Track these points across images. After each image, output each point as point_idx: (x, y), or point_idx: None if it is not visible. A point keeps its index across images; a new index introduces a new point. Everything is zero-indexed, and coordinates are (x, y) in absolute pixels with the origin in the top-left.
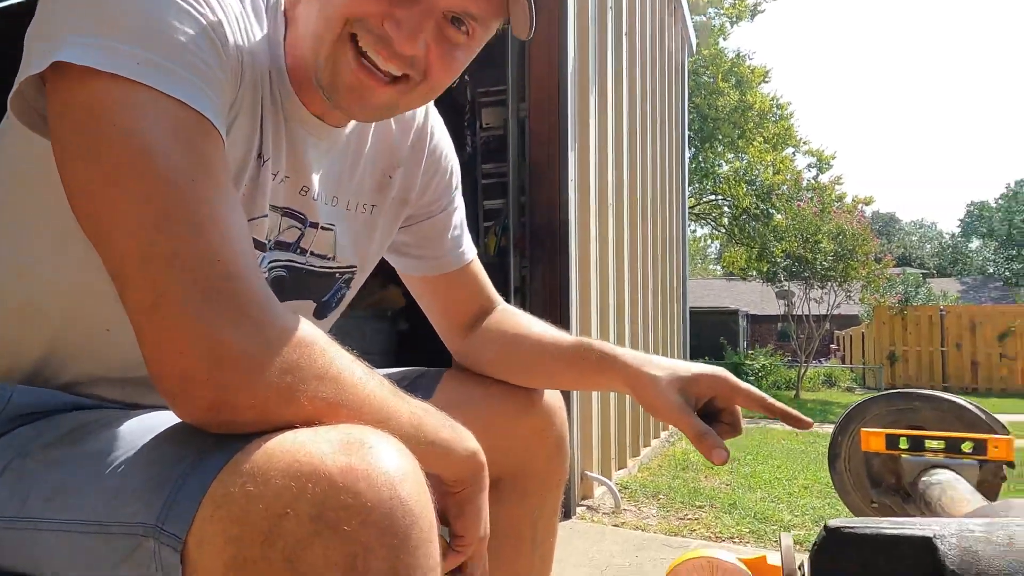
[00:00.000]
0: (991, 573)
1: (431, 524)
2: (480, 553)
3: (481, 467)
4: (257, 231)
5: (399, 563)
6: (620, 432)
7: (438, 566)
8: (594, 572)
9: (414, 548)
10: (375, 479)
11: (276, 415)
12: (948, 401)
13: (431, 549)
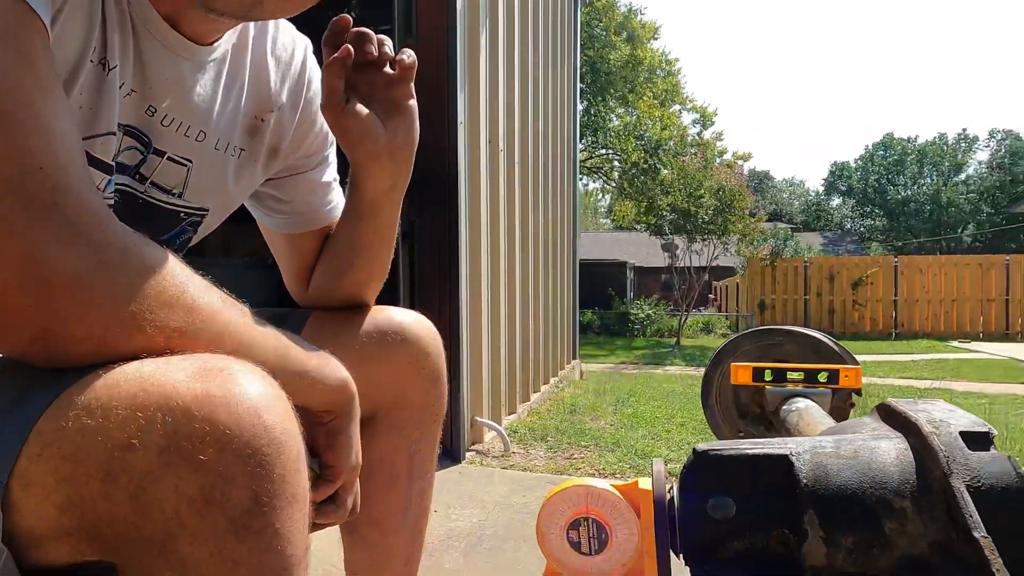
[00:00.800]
0: (838, 483)
1: (298, 454)
2: (352, 483)
3: (352, 397)
4: (103, 150)
5: (262, 492)
6: (510, 378)
7: (306, 497)
8: (482, 513)
9: (279, 478)
10: (235, 406)
11: (118, 347)
12: (806, 336)
13: (298, 479)
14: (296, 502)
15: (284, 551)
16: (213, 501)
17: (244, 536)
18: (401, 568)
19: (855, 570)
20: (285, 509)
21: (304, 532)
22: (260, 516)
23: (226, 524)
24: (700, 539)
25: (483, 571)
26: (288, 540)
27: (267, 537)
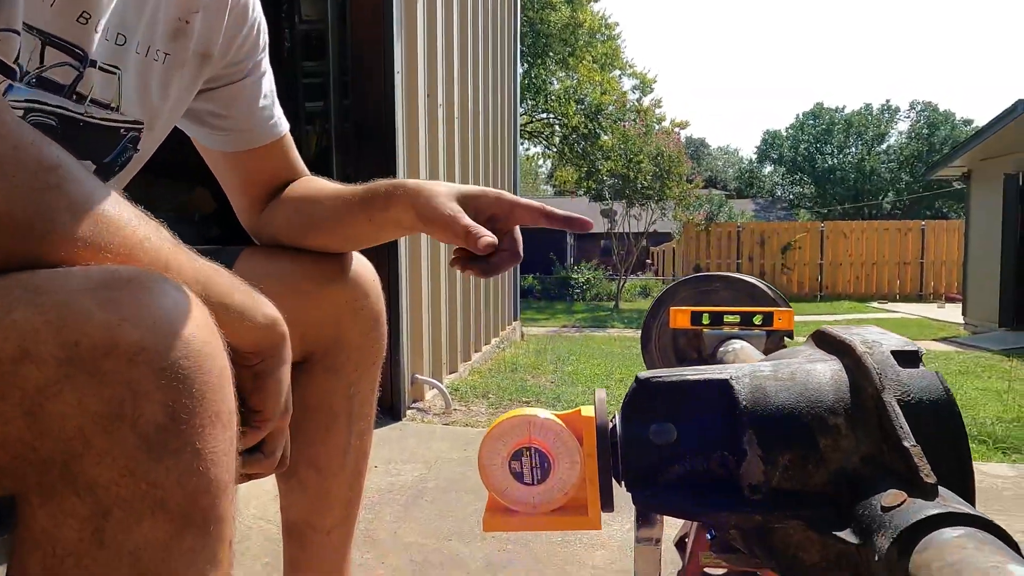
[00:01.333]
0: (775, 404)
1: (222, 371)
2: (281, 430)
3: (282, 338)
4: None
5: (180, 409)
6: (451, 338)
7: (233, 419)
8: (424, 468)
9: (199, 394)
10: (148, 315)
11: (8, 253)
12: (742, 281)
13: (222, 398)
14: (220, 423)
15: (208, 473)
16: (122, 417)
17: (160, 456)
18: (341, 512)
19: (790, 487)
20: (207, 429)
21: (231, 457)
22: (178, 435)
23: (138, 442)
24: (642, 465)
25: (425, 521)
26: (212, 463)
27: (187, 458)
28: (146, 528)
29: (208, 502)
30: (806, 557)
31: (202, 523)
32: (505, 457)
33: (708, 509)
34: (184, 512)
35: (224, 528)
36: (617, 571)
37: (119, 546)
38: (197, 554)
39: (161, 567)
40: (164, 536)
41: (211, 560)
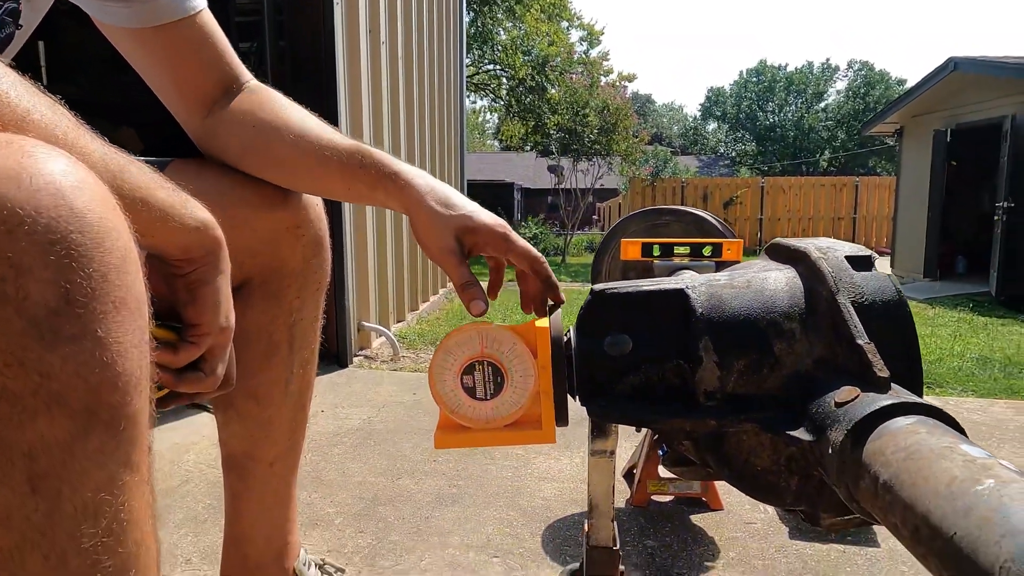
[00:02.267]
0: (731, 310)
1: (126, 253)
2: (221, 347)
3: (217, 243)
4: None
5: (76, 291)
6: (398, 286)
7: (143, 308)
8: (372, 411)
9: (100, 276)
10: (28, 180)
11: None
12: (692, 214)
13: (128, 283)
14: (127, 309)
15: (114, 366)
16: (4, 297)
17: (53, 343)
18: (284, 444)
19: (745, 391)
20: (110, 315)
21: (143, 351)
22: (74, 320)
23: (25, 326)
24: (597, 377)
25: (373, 461)
26: (119, 354)
27: (87, 347)
28: (42, 426)
29: (117, 399)
30: (757, 462)
31: (110, 421)
32: (456, 372)
33: (663, 416)
34: (88, 408)
35: (138, 429)
36: (568, 501)
37: (9, 446)
38: (107, 456)
39: (63, 470)
40: (64, 435)
41: (125, 463)
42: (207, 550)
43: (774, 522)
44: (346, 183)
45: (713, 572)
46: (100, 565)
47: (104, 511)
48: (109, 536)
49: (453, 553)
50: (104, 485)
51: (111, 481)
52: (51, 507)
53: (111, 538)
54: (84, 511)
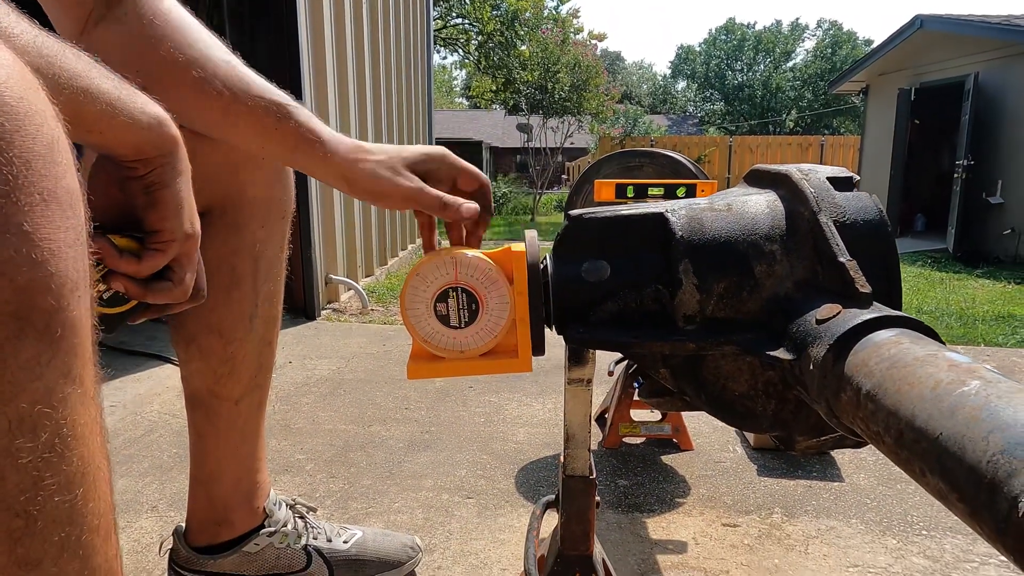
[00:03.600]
0: (712, 233)
1: (53, 142)
2: (189, 255)
3: (173, 141)
4: None
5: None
6: (366, 240)
7: (78, 206)
8: (342, 362)
9: (23, 163)
10: None
11: None
12: (666, 156)
13: (58, 174)
14: (57, 203)
15: (44, 264)
16: None
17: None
18: (248, 381)
19: (724, 315)
20: (38, 209)
21: (80, 252)
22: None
23: None
24: (574, 303)
25: (344, 410)
26: (51, 253)
27: (10, 241)
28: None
29: (51, 302)
30: (735, 387)
31: (44, 328)
32: (430, 299)
33: (642, 340)
34: (17, 313)
35: (79, 338)
36: (540, 444)
37: None
38: (44, 366)
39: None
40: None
41: (65, 374)
42: (173, 497)
43: (743, 461)
44: (255, 136)
45: (684, 508)
46: (42, 483)
47: (43, 425)
48: (50, 452)
49: (427, 495)
50: (42, 397)
51: (50, 393)
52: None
53: (53, 454)
54: (20, 425)
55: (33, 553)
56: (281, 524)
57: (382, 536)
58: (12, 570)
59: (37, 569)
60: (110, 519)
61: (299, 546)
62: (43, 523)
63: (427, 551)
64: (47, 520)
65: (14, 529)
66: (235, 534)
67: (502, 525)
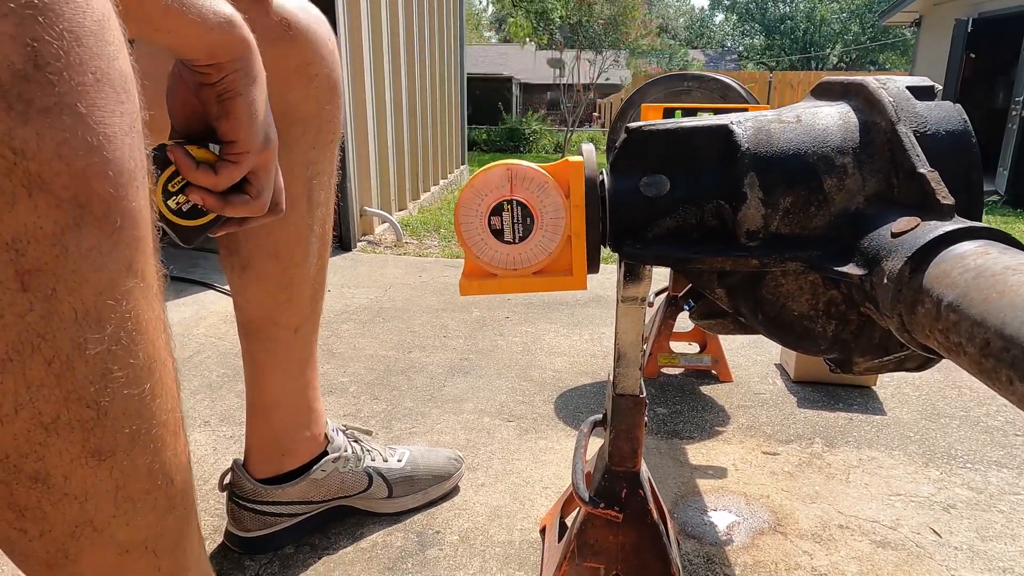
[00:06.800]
0: (780, 145)
1: (104, 18)
2: (266, 167)
3: (245, 45)
4: None
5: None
6: (399, 174)
7: (132, 90)
8: (380, 291)
9: (73, 38)
10: None
11: None
12: (715, 80)
13: (110, 54)
14: (110, 87)
15: (100, 149)
16: None
17: (26, 115)
18: (306, 307)
19: (789, 231)
20: (91, 90)
21: (136, 141)
22: (47, 88)
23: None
24: (631, 219)
25: (384, 336)
26: (107, 139)
27: (67, 123)
28: (23, 213)
29: (109, 191)
30: (794, 307)
31: (104, 217)
32: (484, 213)
33: (703, 255)
34: (76, 199)
35: (140, 230)
36: (578, 372)
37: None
38: (105, 256)
39: (56, 267)
40: (52, 227)
41: (127, 267)
42: (224, 414)
43: (783, 393)
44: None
45: (723, 436)
46: (110, 375)
47: (108, 317)
48: (116, 344)
49: (468, 418)
50: (105, 289)
51: (113, 285)
52: (48, 308)
53: (119, 347)
54: (85, 316)
55: (105, 444)
56: (342, 449)
57: (428, 452)
58: (85, 459)
59: (110, 459)
60: (178, 415)
61: (360, 468)
62: (113, 415)
63: (470, 469)
64: (117, 412)
65: (86, 420)
66: (300, 462)
67: (543, 447)
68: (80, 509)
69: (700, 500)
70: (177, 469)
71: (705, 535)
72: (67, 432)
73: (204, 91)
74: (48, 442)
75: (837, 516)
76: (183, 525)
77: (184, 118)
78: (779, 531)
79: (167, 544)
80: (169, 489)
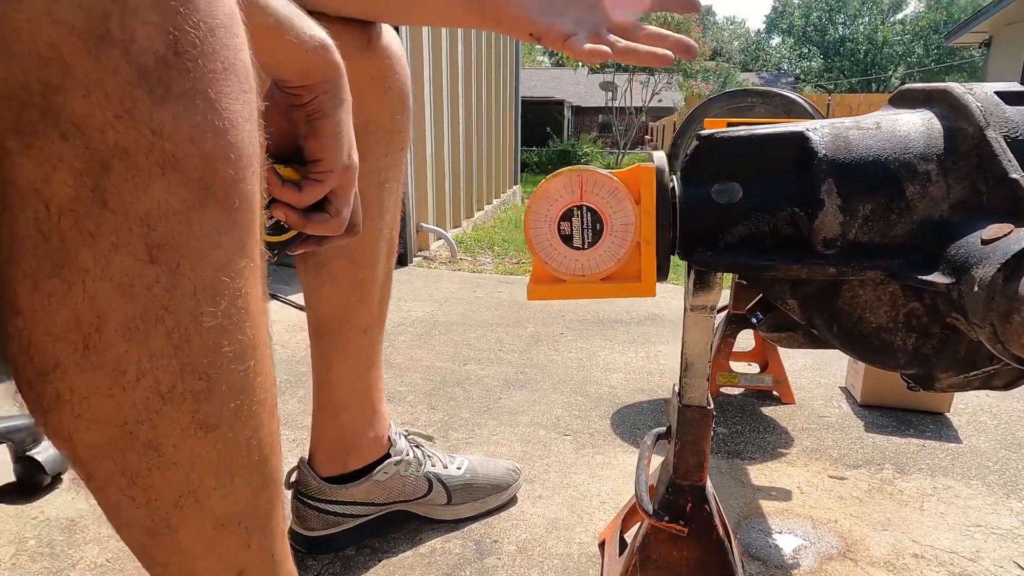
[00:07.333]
0: (859, 151)
1: (232, 13)
2: (347, 187)
3: (336, 69)
4: None
5: (184, 42)
6: (454, 192)
7: (252, 80)
8: (435, 305)
9: (207, 30)
10: None
11: None
12: (780, 95)
13: (235, 46)
14: (235, 76)
15: (225, 134)
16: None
17: (164, 98)
18: (375, 309)
19: (868, 239)
20: (220, 77)
21: (254, 127)
22: (184, 74)
23: (134, 74)
24: (702, 227)
25: (440, 349)
26: (232, 124)
27: (199, 107)
28: (157, 190)
29: (231, 173)
30: (872, 319)
31: (225, 197)
32: (553, 218)
33: (778, 263)
34: (203, 180)
35: (252, 213)
36: (634, 389)
37: (127, 209)
38: (223, 236)
39: (181, 242)
40: (180, 204)
41: (240, 247)
42: (286, 418)
43: (849, 416)
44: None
45: (787, 458)
46: (221, 349)
47: (223, 293)
48: (228, 320)
49: (524, 430)
50: (222, 266)
51: (228, 263)
52: (172, 281)
53: (230, 323)
54: (204, 290)
55: (212, 417)
56: (404, 453)
57: (487, 461)
58: (194, 430)
59: (215, 431)
60: (273, 395)
61: (421, 473)
62: (221, 389)
63: (527, 480)
64: (224, 386)
65: (197, 391)
66: (363, 462)
67: (600, 462)
68: (185, 479)
69: (764, 522)
70: (272, 447)
71: (770, 557)
72: (180, 402)
73: (294, 112)
74: (163, 410)
75: (911, 545)
76: (273, 504)
77: (273, 136)
78: (849, 557)
79: (258, 521)
80: (264, 467)
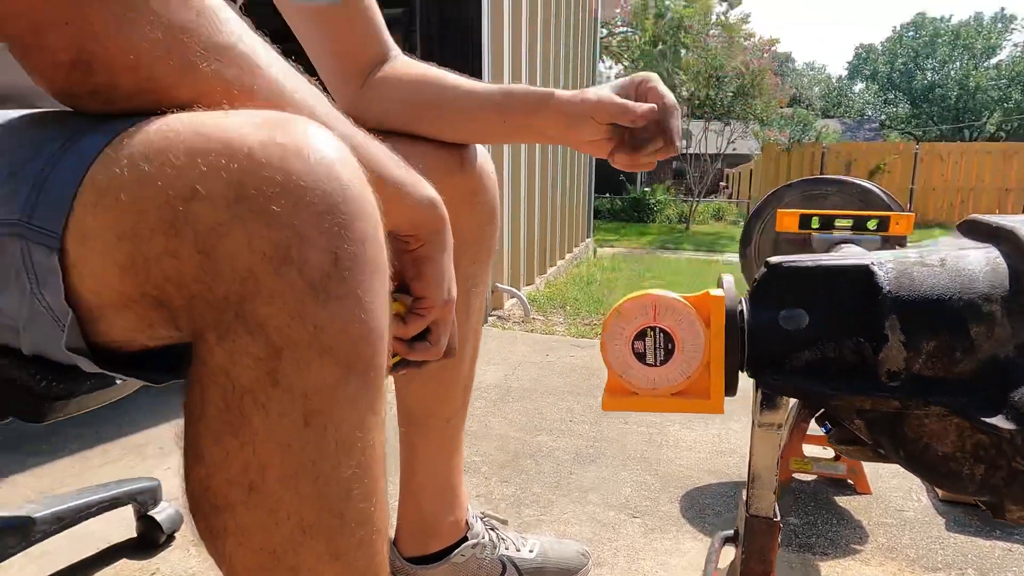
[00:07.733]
0: (924, 289)
1: (378, 222)
2: (446, 320)
3: (442, 221)
4: None
5: (343, 255)
6: (528, 249)
7: (386, 270)
8: (508, 369)
9: (359, 241)
10: (308, 156)
11: (167, 86)
12: (855, 184)
13: (378, 249)
14: (378, 272)
15: (369, 322)
16: (290, 260)
17: (326, 301)
18: (459, 400)
19: (933, 374)
20: (367, 277)
21: (387, 307)
22: (341, 281)
23: (305, 286)
24: (770, 350)
25: (513, 417)
26: (372, 312)
27: (350, 304)
28: (315, 371)
29: (369, 350)
30: (939, 447)
31: (363, 370)
32: (628, 336)
33: (844, 392)
34: (348, 359)
35: (380, 378)
36: (704, 471)
37: (292, 386)
38: (359, 400)
39: (328, 409)
40: (331, 380)
41: (371, 407)
42: None
43: (929, 512)
44: (496, 114)
45: (860, 555)
46: (351, 492)
47: (357, 447)
48: (359, 468)
49: (593, 509)
50: (357, 425)
51: (362, 422)
52: (319, 440)
53: (360, 470)
54: (342, 446)
55: (341, 548)
56: (480, 536)
57: (557, 543)
58: (325, 559)
59: (342, 559)
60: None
61: (496, 556)
62: (351, 524)
63: (596, 564)
64: (353, 522)
65: (332, 528)
66: (443, 545)
67: (668, 548)
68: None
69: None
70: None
71: None
72: (318, 535)
73: (402, 256)
74: (304, 542)
75: None
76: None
77: None
78: None
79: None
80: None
